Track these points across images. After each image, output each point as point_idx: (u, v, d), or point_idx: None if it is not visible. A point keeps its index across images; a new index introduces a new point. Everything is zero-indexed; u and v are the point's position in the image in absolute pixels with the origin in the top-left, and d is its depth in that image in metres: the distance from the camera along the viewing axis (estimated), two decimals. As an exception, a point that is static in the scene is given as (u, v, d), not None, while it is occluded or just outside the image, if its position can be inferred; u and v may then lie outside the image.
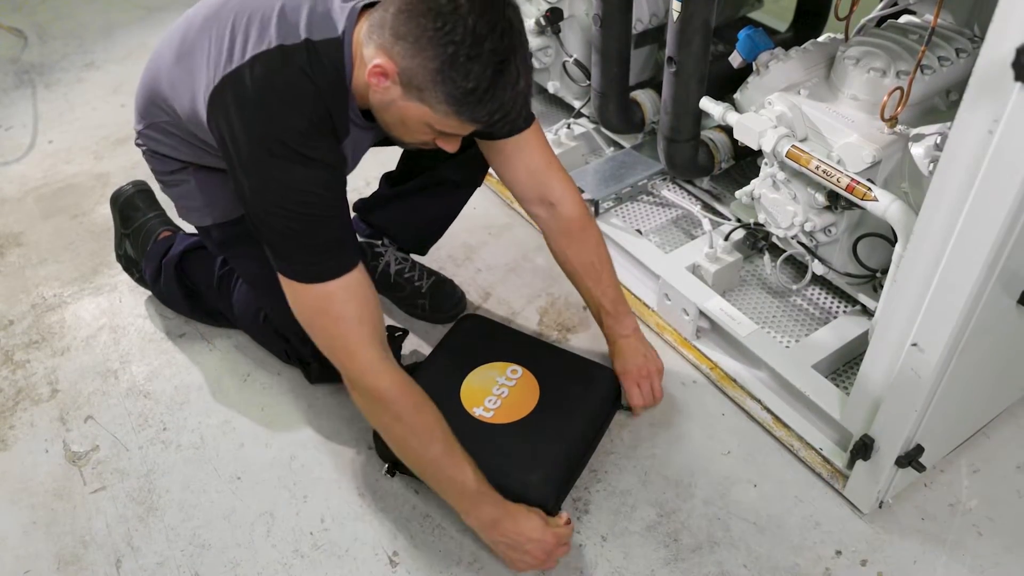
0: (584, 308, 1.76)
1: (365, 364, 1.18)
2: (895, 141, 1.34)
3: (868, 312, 1.55)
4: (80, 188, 2.18)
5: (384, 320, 1.24)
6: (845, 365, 1.56)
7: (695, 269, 1.68)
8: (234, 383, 1.64)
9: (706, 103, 1.58)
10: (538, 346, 1.56)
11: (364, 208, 1.73)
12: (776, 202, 1.51)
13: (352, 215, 1.74)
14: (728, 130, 1.60)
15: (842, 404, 1.39)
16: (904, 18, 1.57)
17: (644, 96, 1.89)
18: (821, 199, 1.43)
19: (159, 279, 1.70)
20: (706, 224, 1.72)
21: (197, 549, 1.37)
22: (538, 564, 1.27)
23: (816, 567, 1.31)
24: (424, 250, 1.77)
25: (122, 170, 2.21)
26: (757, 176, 1.55)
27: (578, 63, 1.97)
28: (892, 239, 1.36)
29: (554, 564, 1.30)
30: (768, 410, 1.50)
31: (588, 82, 1.90)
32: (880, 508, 1.37)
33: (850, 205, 1.41)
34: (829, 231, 1.48)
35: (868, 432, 1.28)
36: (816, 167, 1.36)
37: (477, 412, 1.40)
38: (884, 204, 1.29)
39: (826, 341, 1.53)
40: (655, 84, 1.89)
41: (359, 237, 1.73)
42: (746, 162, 1.79)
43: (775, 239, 1.61)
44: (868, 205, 1.31)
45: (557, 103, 2.25)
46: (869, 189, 1.30)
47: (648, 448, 1.49)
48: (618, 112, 1.86)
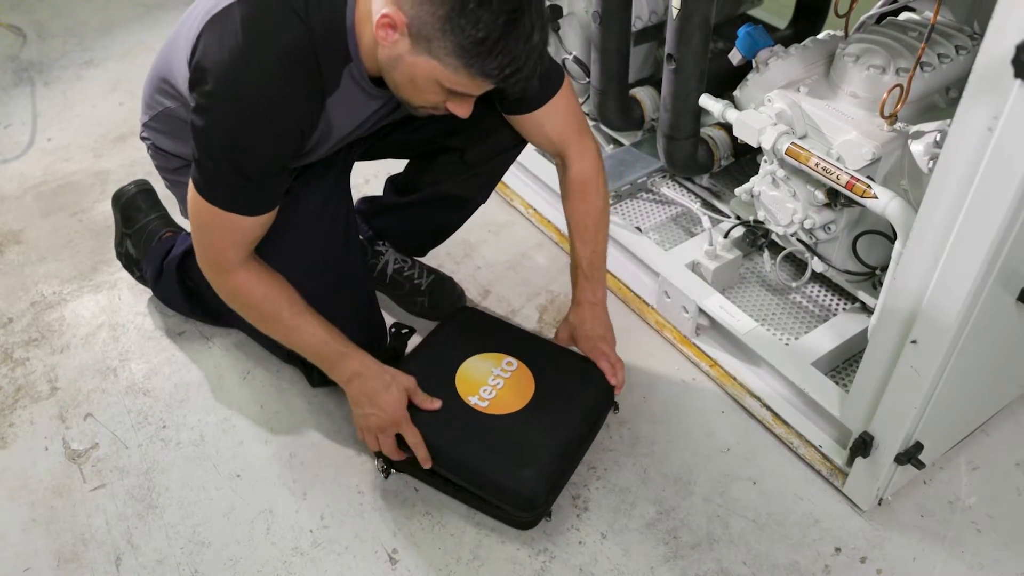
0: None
1: (226, 267, 1.26)
2: (895, 138, 1.34)
3: (868, 309, 1.55)
4: (79, 186, 2.18)
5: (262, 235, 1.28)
6: (845, 362, 1.56)
7: (695, 266, 1.68)
8: (234, 381, 1.64)
9: (706, 100, 1.58)
10: (534, 340, 1.54)
11: (367, 212, 1.73)
12: (776, 199, 1.51)
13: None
14: (728, 127, 1.60)
15: (842, 401, 1.39)
16: (904, 15, 1.57)
17: (643, 93, 1.89)
18: (821, 196, 1.43)
19: (160, 279, 1.70)
20: (706, 221, 1.72)
21: (197, 547, 1.37)
22: (368, 429, 1.32)
23: (815, 564, 1.31)
24: (423, 253, 1.77)
25: (121, 168, 2.21)
26: (757, 173, 1.55)
27: (577, 60, 1.96)
28: (892, 236, 1.36)
29: (387, 444, 1.33)
30: (767, 407, 1.50)
31: (587, 79, 1.90)
32: (879, 505, 1.37)
33: (850, 202, 1.41)
34: (829, 228, 1.48)
35: (867, 429, 1.28)
36: (816, 164, 1.36)
37: (472, 401, 1.38)
38: (884, 201, 1.29)
39: (825, 338, 1.53)
40: (655, 81, 1.89)
41: (360, 236, 1.73)
42: (746, 159, 1.79)
43: (775, 236, 1.61)
44: (868, 202, 1.31)
45: (556, 100, 2.25)
46: (869, 186, 1.30)
47: (647, 445, 1.49)
48: (617, 109, 1.86)
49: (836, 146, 1.38)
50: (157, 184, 1.71)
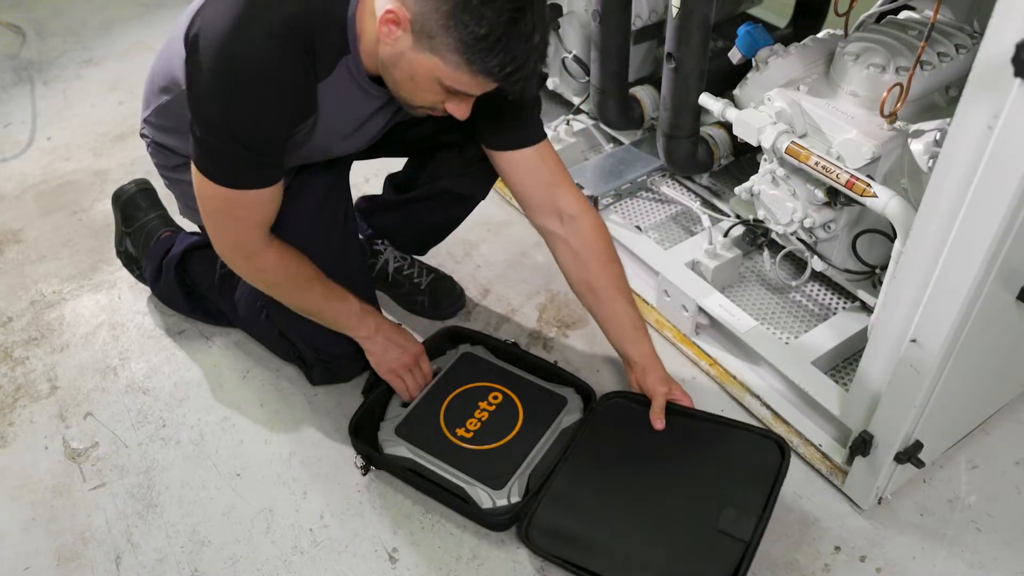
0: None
1: (249, 249, 1.29)
2: (894, 137, 1.34)
3: (867, 308, 1.55)
4: (79, 185, 2.18)
5: (276, 214, 1.29)
6: (844, 361, 1.56)
7: (694, 265, 1.68)
8: (233, 380, 1.64)
9: (705, 99, 1.58)
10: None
11: (367, 210, 1.73)
12: (775, 198, 1.51)
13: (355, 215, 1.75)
14: (727, 126, 1.60)
15: (841, 400, 1.39)
16: (903, 14, 1.57)
17: (643, 92, 1.89)
18: (820, 195, 1.43)
19: (159, 279, 1.70)
20: (705, 220, 1.72)
21: (196, 546, 1.37)
22: (397, 372, 1.47)
23: (815, 563, 1.31)
24: (424, 251, 1.77)
25: (121, 167, 2.21)
26: (756, 172, 1.55)
27: (577, 59, 1.96)
28: (891, 235, 1.36)
29: (412, 381, 1.48)
30: (767, 406, 1.50)
31: (587, 78, 1.90)
32: (879, 504, 1.37)
33: (849, 201, 1.41)
34: (828, 227, 1.48)
35: (867, 428, 1.28)
36: (815, 163, 1.36)
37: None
38: (883, 200, 1.29)
39: (825, 337, 1.53)
40: (654, 80, 1.89)
41: (360, 235, 1.73)
42: (745, 158, 1.79)
43: (774, 235, 1.61)
44: (867, 201, 1.31)
45: (556, 99, 2.25)
46: (868, 185, 1.30)
47: (647, 444, 1.49)
48: (617, 108, 1.86)
49: (836, 145, 1.38)
50: (157, 183, 1.71)
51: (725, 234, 1.67)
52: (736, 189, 1.61)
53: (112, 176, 2.18)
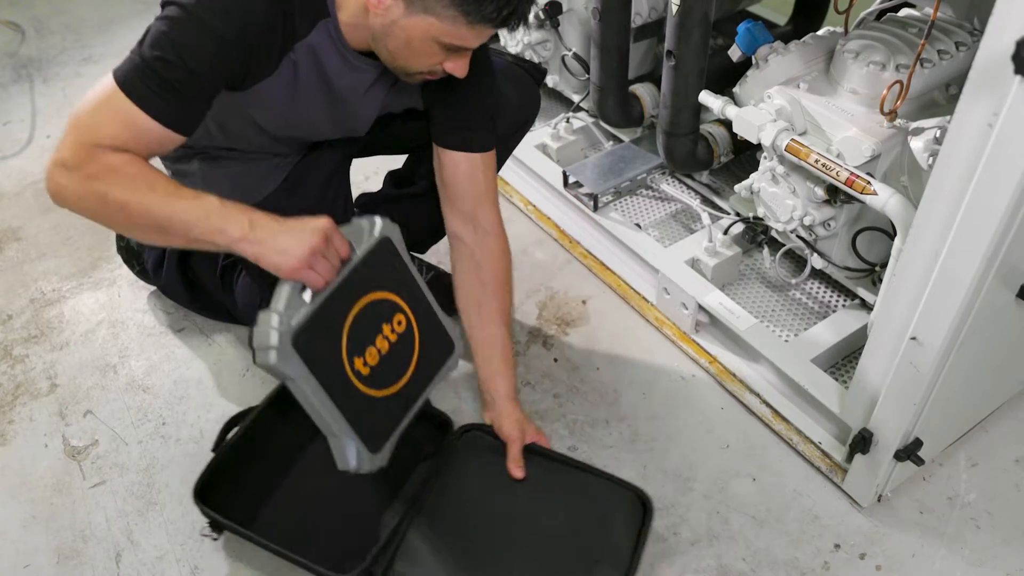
0: (583, 302, 1.76)
1: (89, 155, 1.09)
2: (894, 135, 1.34)
3: (867, 306, 1.55)
4: (78, 183, 2.17)
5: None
6: (844, 359, 1.56)
7: (694, 263, 1.68)
8: (233, 378, 1.64)
9: (705, 97, 1.58)
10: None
11: (367, 205, 1.73)
12: (775, 196, 1.51)
13: (355, 211, 1.74)
14: (727, 124, 1.60)
15: (841, 398, 1.39)
16: (904, 11, 1.57)
17: (643, 90, 1.89)
18: (820, 193, 1.43)
19: (161, 269, 1.69)
20: (705, 218, 1.72)
21: (197, 543, 1.37)
22: (305, 258, 1.06)
23: (815, 560, 1.31)
24: (423, 249, 1.77)
25: (120, 165, 2.21)
26: (756, 170, 1.55)
27: (577, 57, 1.96)
28: (891, 233, 1.36)
29: (313, 277, 1.07)
30: (767, 404, 1.50)
31: (587, 76, 1.90)
32: (879, 501, 1.38)
33: (849, 199, 1.41)
34: (828, 225, 1.48)
35: (867, 426, 1.28)
36: (815, 161, 1.36)
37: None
38: (883, 198, 1.29)
39: (825, 335, 1.53)
40: (654, 78, 1.89)
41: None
42: (745, 156, 1.79)
43: (774, 233, 1.61)
44: (867, 199, 1.31)
45: (556, 97, 2.25)
46: (868, 183, 1.30)
47: (647, 442, 1.49)
48: (617, 106, 1.86)
49: (836, 142, 1.38)
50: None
51: (725, 232, 1.67)
52: (736, 187, 1.61)
53: (112, 174, 2.18)
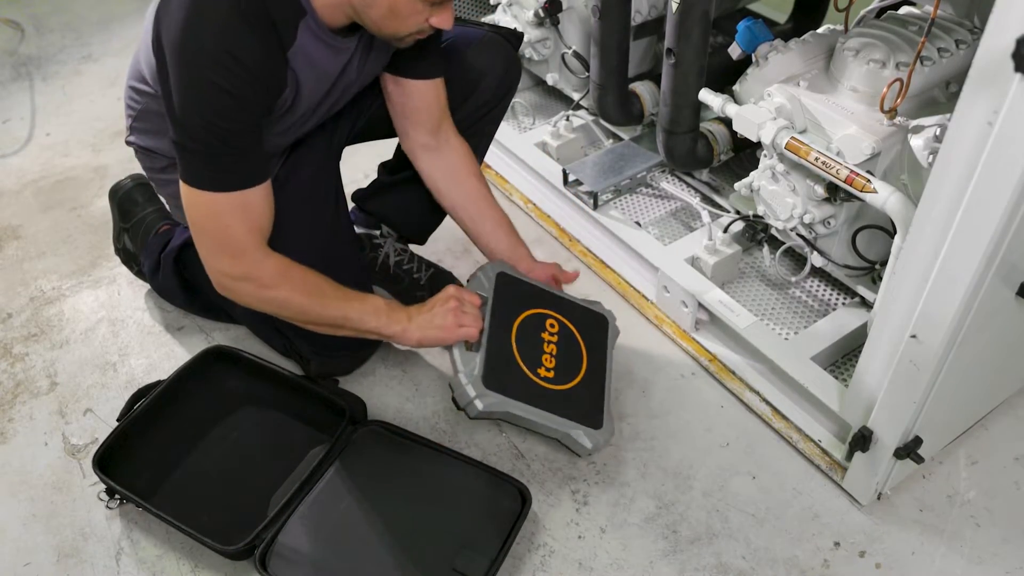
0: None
1: (249, 263, 1.24)
2: (894, 133, 1.34)
3: (867, 304, 1.55)
4: (78, 181, 2.17)
5: (271, 224, 1.27)
6: (844, 357, 1.56)
7: (694, 261, 1.68)
8: (233, 376, 1.64)
9: (705, 95, 1.58)
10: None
11: (362, 197, 1.73)
12: (775, 194, 1.50)
13: (351, 206, 1.75)
14: (727, 122, 1.60)
15: (841, 396, 1.39)
16: (904, 9, 1.56)
17: (643, 88, 1.89)
18: (820, 191, 1.43)
19: (157, 273, 1.69)
20: (705, 216, 1.72)
21: (196, 542, 1.37)
22: (448, 327, 1.31)
23: (815, 558, 1.31)
24: (423, 239, 1.77)
25: (120, 163, 2.20)
26: (756, 168, 1.55)
27: (577, 55, 1.96)
28: (891, 231, 1.36)
29: (468, 331, 1.32)
30: (767, 402, 1.50)
31: (587, 74, 1.90)
32: (878, 500, 1.38)
33: (849, 197, 1.41)
34: (828, 223, 1.47)
35: (867, 424, 1.28)
36: (815, 159, 1.36)
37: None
38: (883, 196, 1.28)
39: (825, 333, 1.53)
40: (654, 76, 1.89)
41: (357, 228, 1.73)
42: (745, 154, 1.79)
43: (774, 231, 1.61)
44: (867, 197, 1.31)
45: (556, 95, 2.25)
46: (868, 181, 1.30)
47: (647, 440, 1.49)
48: (617, 104, 1.85)
49: (836, 141, 1.38)
50: (156, 179, 1.71)
51: (725, 230, 1.67)
52: (736, 185, 1.61)
53: (111, 172, 2.17)
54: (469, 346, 1.34)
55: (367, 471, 1.39)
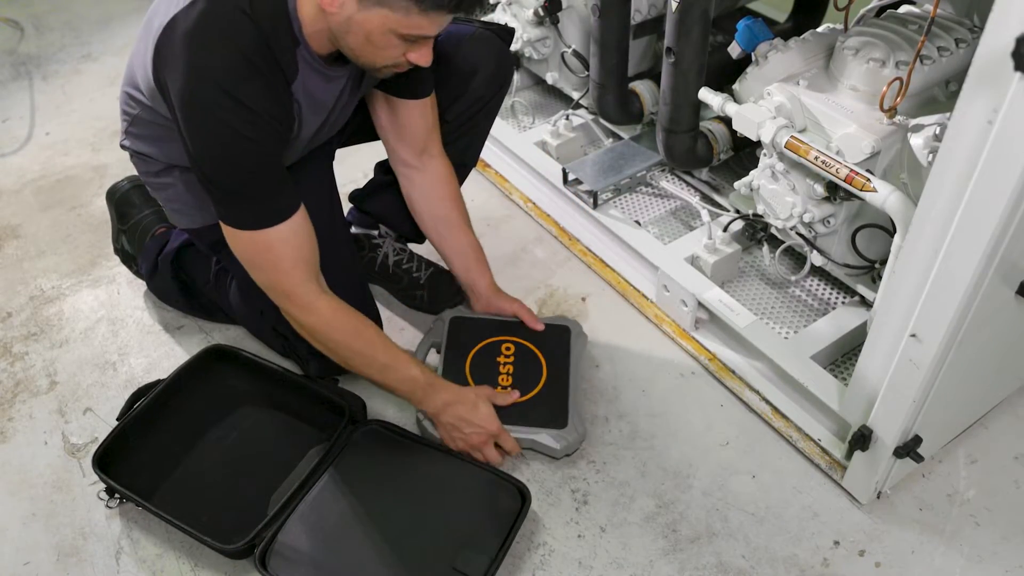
0: (583, 299, 1.76)
1: (302, 302, 1.28)
2: (894, 132, 1.34)
3: (867, 303, 1.55)
4: (78, 180, 2.17)
5: (316, 252, 1.30)
6: (844, 356, 1.56)
7: (694, 260, 1.68)
8: (233, 375, 1.64)
9: (705, 94, 1.58)
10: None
11: (359, 197, 1.73)
12: (775, 193, 1.50)
13: (348, 206, 1.74)
14: (727, 121, 1.59)
15: (840, 395, 1.39)
16: (903, 8, 1.56)
17: (643, 87, 1.89)
18: (820, 190, 1.43)
19: (155, 275, 1.69)
20: (705, 215, 1.72)
21: (196, 541, 1.37)
22: (472, 447, 1.39)
23: (814, 557, 1.31)
24: (422, 238, 1.76)
25: (120, 162, 2.20)
26: (756, 167, 1.55)
27: (576, 54, 1.96)
28: (891, 230, 1.36)
29: (493, 454, 1.39)
30: (767, 401, 1.50)
31: (586, 73, 1.90)
32: (878, 498, 1.38)
33: (849, 196, 1.41)
34: (828, 222, 1.47)
35: (866, 423, 1.28)
36: (815, 158, 1.36)
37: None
38: (883, 195, 1.28)
39: (825, 332, 1.53)
40: (654, 75, 1.89)
41: (354, 229, 1.73)
42: (745, 153, 1.79)
43: (774, 230, 1.61)
44: (867, 196, 1.30)
45: (555, 94, 2.25)
46: (868, 180, 1.30)
47: (646, 439, 1.49)
48: (617, 103, 1.85)
49: (835, 140, 1.38)
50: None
51: (724, 229, 1.67)
52: (735, 184, 1.61)
53: (111, 171, 2.18)
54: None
55: (367, 471, 1.39)
